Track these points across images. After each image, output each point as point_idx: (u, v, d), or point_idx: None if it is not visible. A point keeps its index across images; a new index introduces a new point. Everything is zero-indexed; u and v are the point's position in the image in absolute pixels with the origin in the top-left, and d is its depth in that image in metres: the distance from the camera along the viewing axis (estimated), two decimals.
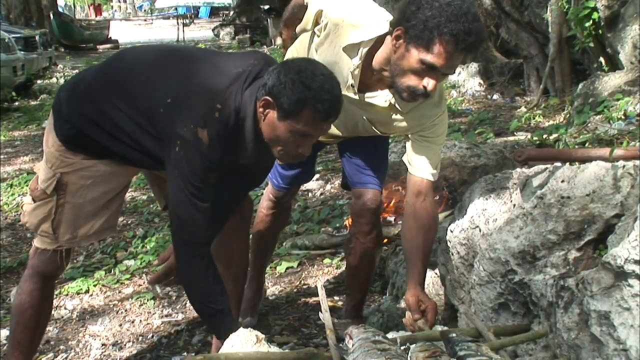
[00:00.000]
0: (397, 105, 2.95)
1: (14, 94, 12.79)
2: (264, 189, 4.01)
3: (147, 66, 2.82)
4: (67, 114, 2.83)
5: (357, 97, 2.96)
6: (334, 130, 3.21)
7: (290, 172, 3.50)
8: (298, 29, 3.19)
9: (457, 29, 2.57)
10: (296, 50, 3.26)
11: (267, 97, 2.56)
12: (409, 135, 3.09)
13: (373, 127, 3.12)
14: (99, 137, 2.79)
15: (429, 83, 2.68)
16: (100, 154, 2.84)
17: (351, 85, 2.93)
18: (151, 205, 6.39)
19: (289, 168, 3.50)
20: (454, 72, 2.88)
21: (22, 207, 3.06)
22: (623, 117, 5.50)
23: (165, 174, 2.75)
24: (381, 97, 2.96)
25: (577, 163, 3.05)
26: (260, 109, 2.60)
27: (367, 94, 2.96)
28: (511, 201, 3.03)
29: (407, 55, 2.69)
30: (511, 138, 6.61)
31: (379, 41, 2.83)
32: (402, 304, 3.60)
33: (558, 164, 3.11)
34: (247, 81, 2.65)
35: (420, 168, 3.06)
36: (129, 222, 6.09)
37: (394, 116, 3.01)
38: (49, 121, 2.92)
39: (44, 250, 2.93)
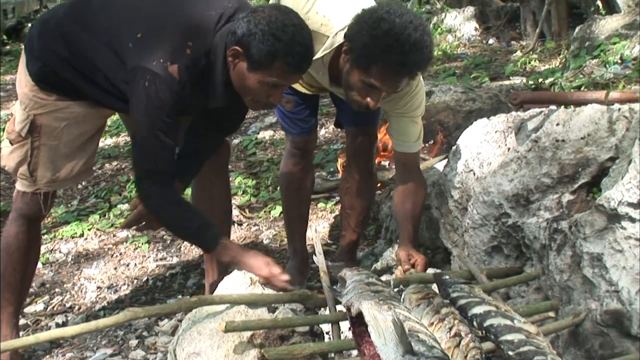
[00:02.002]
0: None
1: (4, 37, 12.64)
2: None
3: (119, 3, 2.76)
4: (38, 52, 2.77)
5: (331, 88, 2.97)
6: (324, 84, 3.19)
7: (303, 114, 3.39)
8: None
9: (392, 61, 2.54)
10: None
11: (237, 47, 2.52)
12: (388, 113, 3.10)
13: None
14: (70, 76, 2.74)
15: (370, 102, 2.67)
16: (74, 95, 2.81)
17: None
18: None
19: (301, 112, 3.40)
20: (400, 90, 2.84)
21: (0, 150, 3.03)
22: (619, 61, 5.47)
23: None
24: None
25: (572, 106, 3.03)
26: (230, 58, 2.56)
27: (341, 90, 2.92)
28: (506, 145, 3.03)
29: (352, 72, 2.65)
30: (506, 82, 6.58)
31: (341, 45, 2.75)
32: (396, 249, 3.62)
33: (553, 107, 3.09)
34: (220, 23, 2.61)
35: (402, 142, 3.07)
36: (123, 166, 6.08)
37: None
38: (21, 60, 2.86)
39: (25, 193, 2.92)
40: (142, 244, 4.38)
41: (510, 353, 1.94)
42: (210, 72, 2.63)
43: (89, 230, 4.69)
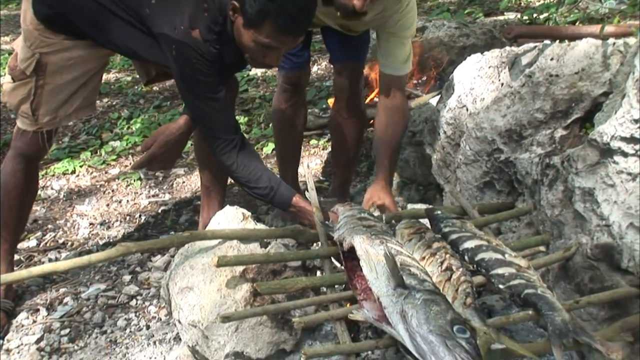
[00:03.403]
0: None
1: None
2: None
3: None
4: None
5: (323, 8, 2.89)
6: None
7: (296, 49, 3.28)
8: None
9: None
10: None
11: (234, 2, 2.50)
12: (377, 33, 3.05)
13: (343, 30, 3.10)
14: (80, 23, 2.71)
15: (357, 3, 2.61)
16: (81, 35, 2.77)
17: None
18: (136, 87, 6.32)
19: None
20: None
21: (1, 86, 3.00)
22: None
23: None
24: None
25: (567, 41, 2.99)
26: (230, 12, 2.54)
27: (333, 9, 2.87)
28: (499, 80, 3.00)
29: None
30: (501, 17, 6.49)
31: None
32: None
33: (547, 41, 3.06)
34: None
35: (389, 65, 3.03)
36: (114, 103, 6.04)
37: (357, 20, 2.93)
38: None
39: (25, 132, 2.90)
40: (134, 180, 4.37)
41: (501, 286, 1.96)
42: (224, 29, 2.61)
43: (81, 167, 4.68)
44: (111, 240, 3.66)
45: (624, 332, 1.88)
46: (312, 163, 4.49)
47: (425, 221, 2.48)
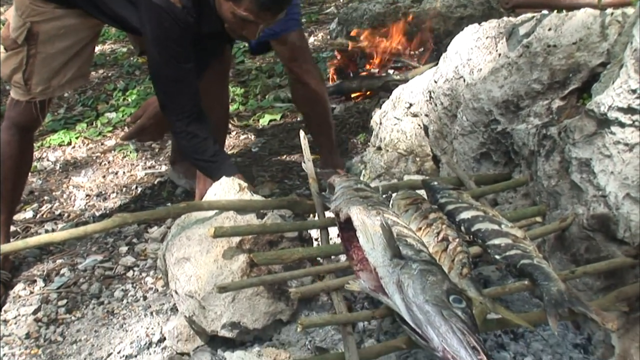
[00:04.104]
0: None
1: None
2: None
3: None
4: None
5: None
6: None
7: None
8: None
9: None
10: None
11: None
12: None
13: None
14: None
15: None
16: (71, 3, 2.76)
17: None
18: (131, 58, 6.29)
19: None
20: None
21: None
22: None
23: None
24: None
25: (564, 11, 2.97)
26: None
27: None
28: (496, 50, 2.98)
29: None
30: None
31: None
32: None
33: (545, 11, 3.04)
34: None
35: None
36: (110, 74, 6.01)
37: None
38: None
39: (19, 102, 2.90)
40: (131, 152, 4.36)
41: (497, 257, 1.96)
42: None
43: (77, 138, 4.67)
44: (107, 212, 3.66)
45: (620, 302, 1.89)
46: (308, 134, 4.48)
47: (422, 192, 2.48)
